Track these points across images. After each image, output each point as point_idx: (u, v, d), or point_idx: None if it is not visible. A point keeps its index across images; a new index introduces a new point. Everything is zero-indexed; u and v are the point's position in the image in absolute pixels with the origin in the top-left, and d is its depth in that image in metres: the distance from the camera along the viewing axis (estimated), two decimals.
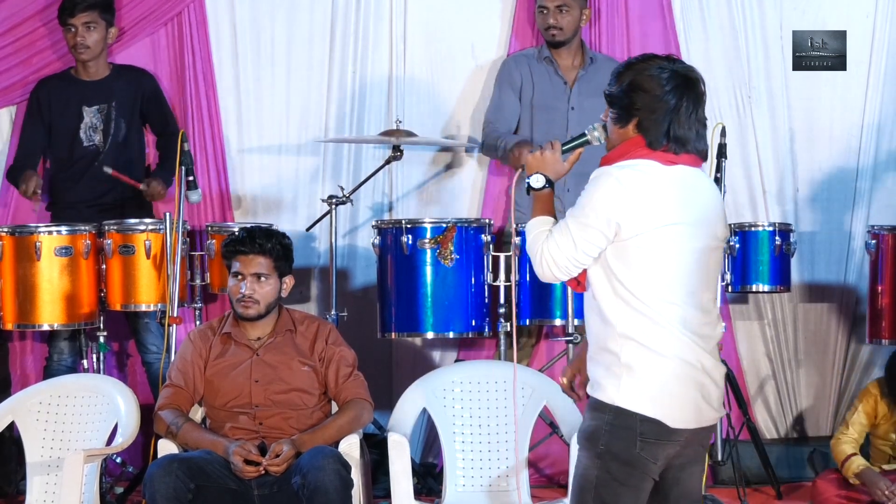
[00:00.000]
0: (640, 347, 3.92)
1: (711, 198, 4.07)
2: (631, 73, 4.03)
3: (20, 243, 6.20)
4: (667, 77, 4.00)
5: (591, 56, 6.91)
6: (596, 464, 3.97)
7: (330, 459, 5.13)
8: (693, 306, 3.96)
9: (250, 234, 5.56)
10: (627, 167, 3.97)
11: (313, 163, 7.14)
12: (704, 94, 4.05)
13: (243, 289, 5.47)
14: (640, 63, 4.06)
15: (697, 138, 4.02)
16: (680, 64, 4.06)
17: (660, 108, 3.99)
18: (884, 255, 6.55)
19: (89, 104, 6.70)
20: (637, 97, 4.00)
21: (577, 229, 3.96)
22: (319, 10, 7.12)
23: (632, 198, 3.92)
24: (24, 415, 5.72)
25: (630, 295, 3.93)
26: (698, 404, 3.97)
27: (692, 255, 3.97)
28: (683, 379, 3.94)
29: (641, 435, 3.92)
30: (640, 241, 3.92)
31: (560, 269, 4.00)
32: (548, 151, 4.16)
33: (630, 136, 4.02)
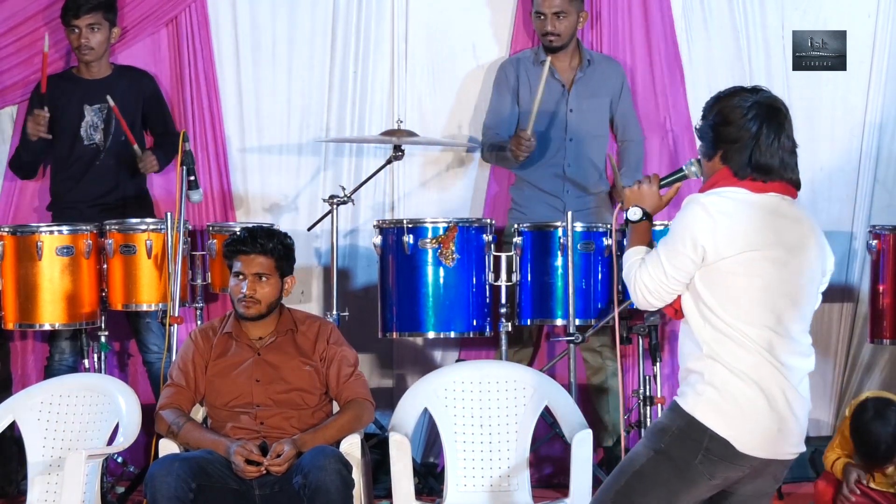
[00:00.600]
0: (725, 370, 3.99)
1: (806, 229, 4.10)
2: (716, 107, 4.12)
3: (21, 243, 6.21)
4: (748, 106, 4.07)
5: (589, 57, 6.90)
6: (648, 455, 4.03)
7: (331, 459, 5.13)
8: (780, 333, 4.01)
9: (252, 234, 5.55)
10: (715, 194, 4.04)
11: (314, 162, 7.14)
12: (788, 121, 4.11)
13: (244, 289, 5.47)
14: (726, 97, 4.13)
15: (783, 167, 4.07)
16: (764, 94, 4.13)
17: (741, 137, 4.05)
18: (885, 256, 6.55)
19: (90, 103, 6.70)
20: (720, 129, 4.08)
21: (667, 256, 4.04)
22: (321, 9, 7.12)
23: (717, 223, 3.99)
24: (26, 414, 5.72)
25: (716, 318, 4.00)
26: (773, 436, 4.01)
27: (780, 282, 4.01)
28: (762, 408, 3.99)
29: (706, 450, 3.98)
30: (726, 265, 3.99)
31: (653, 295, 4.09)
32: (645, 185, 4.26)
33: (718, 169, 4.08)
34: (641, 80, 7.12)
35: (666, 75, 7.14)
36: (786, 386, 4.00)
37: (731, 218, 3.99)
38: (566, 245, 6.28)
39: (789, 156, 4.07)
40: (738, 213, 3.99)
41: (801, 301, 4.06)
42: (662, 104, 7.14)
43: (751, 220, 4.00)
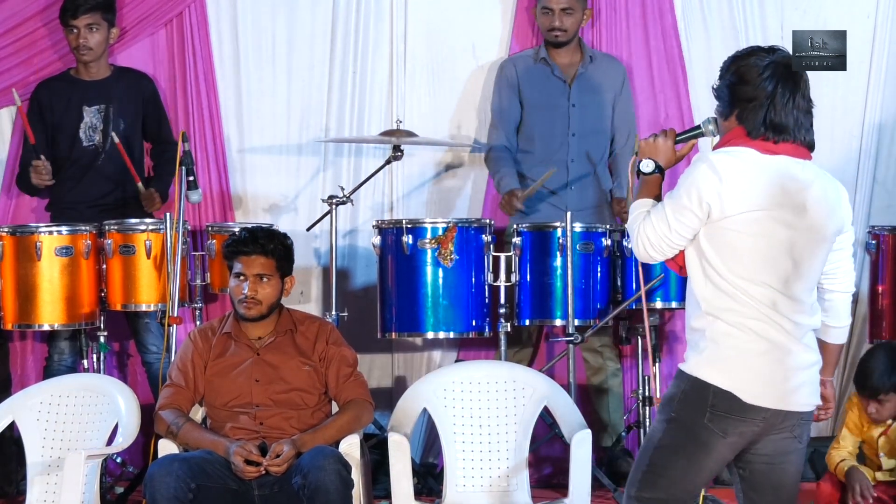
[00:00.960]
0: (725, 325, 4.01)
1: (818, 191, 4.08)
2: (733, 67, 4.12)
3: (20, 243, 6.21)
4: (764, 66, 4.08)
5: (591, 54, 6.91)
6: (663, 427, 4.07)
7: (330, 459, 5.13)
8: (783, 293, 4.01)
9: (252, 235, 5.55)
10: (723, 153, 4.06)
11: (314, 163, 7.14)
12: (805, 80, 4.14)
13: (245, 289, 5.47)
14: (742, 56, 4.13)
15: (797, 126, 4.08)
16: (781, 53, 4.14)
17: (757, 96, 4.07)
18: (884, 256, 6.55)
19: (89, 104, 6.70)
20: (737, 88, 4.09)
21: (672, 210, 4.04)
22: (320, 9, 7.12)
23: (723, 181, 3.99)
24: (25, 415, 5.72)
25: (718, 276, 4.02)
26: (779, 385, 4.02)
27: (785, 243, 4.02)
28: (765, 356, 4.01)
29: (712, 406, 4.00)
30: (730, 223, 4.00)
31: (654, 248, 4.09)
32: (661, 139, 4.26)
33: (732, 127, 4.10)
34: (640, 79, 7.12)
35: (666, 75, 7.14)
36: (789, 339, 4.02)
37: (739, 177, 4.00)
38: (565, 245, 6.29)
39: (805, 116, 4.09)
40: (745, 172, 4.01)
41: (806, 262, 4.05)
42: (662, 103, 7.14)
43: (758, 180, 4.00)
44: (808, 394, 4.08)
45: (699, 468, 4.05)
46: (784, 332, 4.01)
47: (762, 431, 4.04)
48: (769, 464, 4.10)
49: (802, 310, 4.05)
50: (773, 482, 4.12)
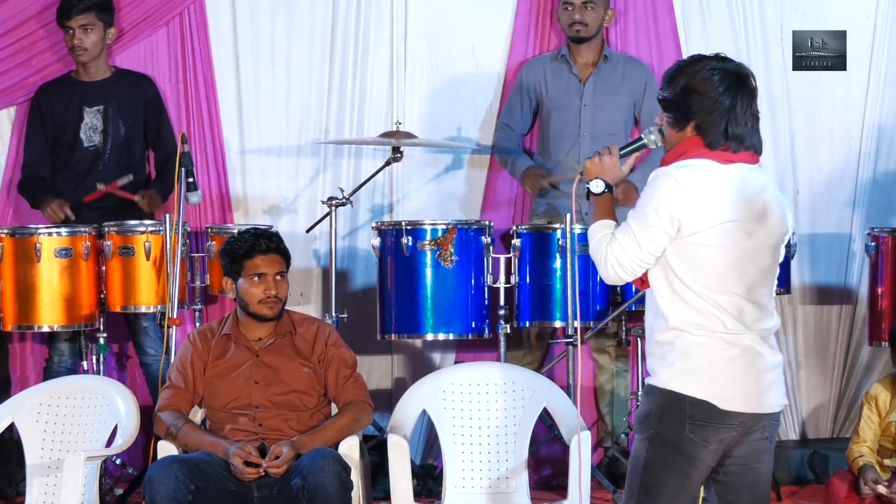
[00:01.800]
0: (694, 336, 4.01)
1: (770, 195, 4.11)
2: (683, 77, 4.08)
3: (20, 245, 6.20)
4: (719, 78, 4.05)
5: (607, 54, 6.90)
6: (647, 447, 4.05)
7: (330, 461, 5.13)
8: (750, 301, 4.04)
9: (264, 235, 5.56)
10: (685, 167, 4.03)
11: (313, 164, 7.14)
12: (756, 88, 4.12)
13: (273, 289, 5.46)
14: (691, 66, 4.10)
15: (752, 133, 4.08)
16: (730, 62, 4.12)
17: (716, 109, 4.04)
18: (884, 258, 6.54)
19: (89, 105, 6.70)
20: (693, 100, 4.06)
21: (640, 230, 4.02)
22: (320, 11, 7.12)
23: (691, 196, 3.99)
24: (24, 416, 5.72)
25: (687, 290, 4.02)
26: (752, 388, 4.04)
27: (749, 251, 4.04)
28: (736, 361, 4.02)
29: (691, 417, 4.00)
30: (700, 238, 4.00)
31: (625, 270, 4.07)
32: (606, 157, 4.23)
33: (688, 138, 4.08)
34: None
35: None
36: (757, 343, 4.04)
37: (704, 191, 3.99)
38: (565, 247, 6.28)
39: (755, 121, 4.10)
40: (709, 185, 4.00)
41: (767, 268, 4.10)
42: None
43: (722, 192, 4.00)
44: (778, 394, 4.12)
45: (691, 479, 4.05)
46: (752, 337, 4.03)
47: (739, 436, 4.06)
48: (744, 465, 4.11)
49: (766, 314, 4.09)
50: (750, 483, 4.13)
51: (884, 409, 5.96)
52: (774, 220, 4.09)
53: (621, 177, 4.24)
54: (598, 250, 4.12)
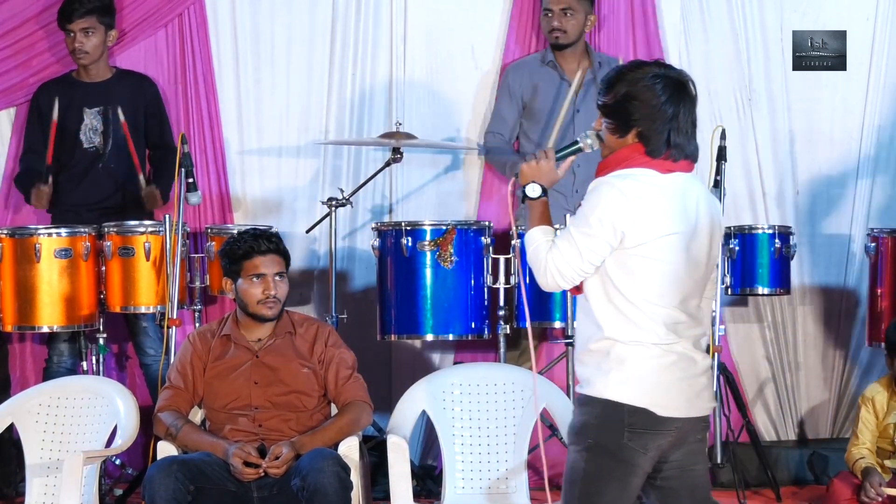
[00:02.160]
0: (626, 346, 4.00)
1: (706, 204, 4.10)
2: (625, 84, 4.05)
3: (20, 245, 6.21)
4: (662, 86, 4.02)
5: (599, 60, 6.90)
6: (584, 457, 4.03)
7: (329, 461, 5.13)
8: (684, 312, 4.04)
9: (264, 235, 5.56)
10: (629, 177, 4.01)
11: (313, 165, 7.14)
12: (696, 96, 4.09)
13: (273, 289, 5.46)
14: (632, 72, 4.07)
15: (691, 141, 4.07)
16: (671, 70, 4.09)
17: (660, 117, 4.02)
18: (883, 258, 6.55)
19: (90, 106, 6.70)
20: (635, 108, 4.03)
21: (582, 239, 4.00)
22: (320, 12, 7.12)
23: (635, 208, 3.97)
24: (24, 416, 5.72)
25: (625, 301, 4.00)
26: (687, 393, 4.04)
27: (687, 263, 4.03)
28: (671, 369, 4.01)
29: (630, 425, 3.99)
30: (642, 250, 3.98)
31: (565, 278, 4.05)
32: (542, 161, 4.20)
33: (629, 145, 4.06)
34: None
35: None
36: (688, 348, 4.04)
37: (648, 203, 3.98)
38: None
39: (694, 130, 4.09)
40: (653, 197, 3.98)
41: (701, 277, 4.10)
42: None
43: (665, 204, 3.99)
44: (709, 397, 4.13)
45: (629, 487, 4.04)
46: (685, 344, 4.03)
47: (676, 441, 4.06)
48: (681, 469, 4.12)
49: (699, 322, 4.09)
50: (689, 486, 4.13)
51: (881, 410, 5.95)
52: (710, 228, 4.09)
53: (557, 181, 4.23)
54: (537, 257, 4.10)
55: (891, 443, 5.88)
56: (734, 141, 6.88)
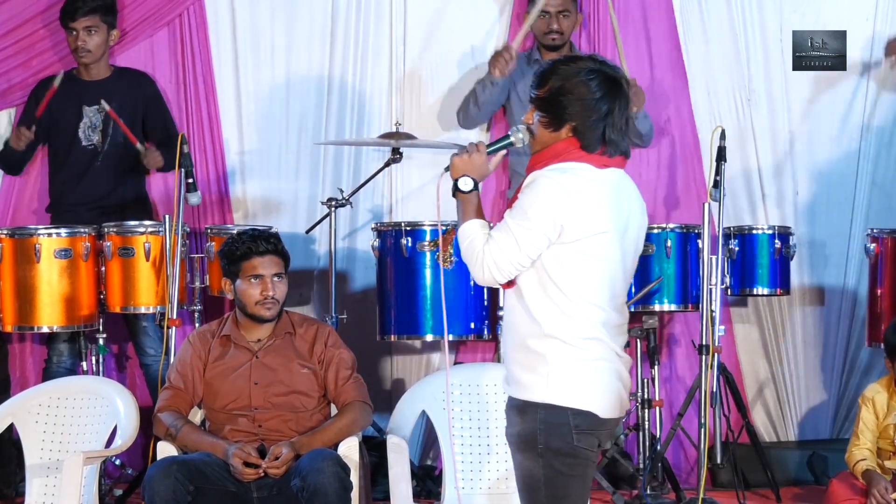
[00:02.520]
0: (565, 346, 3.96)
1: (636, 202, 4.10)
2: (559, 79, 4.01)
3: (20, 245, 6.21)
4: (597, 82, 3.99)
5: None
6: (540, 463, 3.99)
7: (329, 462, 5.13)
8: (614, 309, 4.03)
9: (262, 236, 5.56)
10: (568, 172, 3.97)
11: (313, 165, 7.14)
12: (629, 93, 4.07)
13: (270, 290, 5.46)
14: (566, 66, 4.03)
15: (624, 138, 4.06)
16: (606, 66, 4.05)
17: (594, 113, 3.99)
18: (883, 259, 6.55)
19: (89, 104, 6.70)
20: (569, 103, 3.99)
21: (521, 231, 3.95)
22: (319, 12, 7.12)
23: (575, 202, 3.94)
24: (24, 417, 5.72)
25: (561, 296, 3.96)
26: (620, 394, 4.05)
27: (619, 260, 4.02)
28: (607, 372, 4.01)
29: (576, 427, 3.97)
30: (580, 246, 3.95)
31: (502, 272, 3.98)
32: (474, 154, 4.13)
33: (563, 139, 4.02)
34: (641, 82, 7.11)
35: (668, 79, 7.14)
36: (617, 348, 4.04)
37: (587, 197, 3.95)
38: None
39: (628, 127, 4.07)
40: (591, 192, 3.95)
41: (629, 276, 4.11)
42: (664, 107, 7.13)
43: (601, 199, 3.97)
44: (627, 397, 4.14)
45: (588, 479, 4.06)
46: (614, 343, 4.02)
47: (606, 439, 4.09)
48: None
49: (624, 321, 4.10)
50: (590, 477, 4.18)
51: (882, 410, 5.95)
52: (639, 226, 4.09)
53: (487, 174, 4.16)
54: (472, 251, 4.01)
55: (891, 443, 5.88)
56: (734, 141, 6.88)
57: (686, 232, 6.51)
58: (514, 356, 4.04)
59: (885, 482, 5.75)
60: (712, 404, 6.17)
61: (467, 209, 4.09)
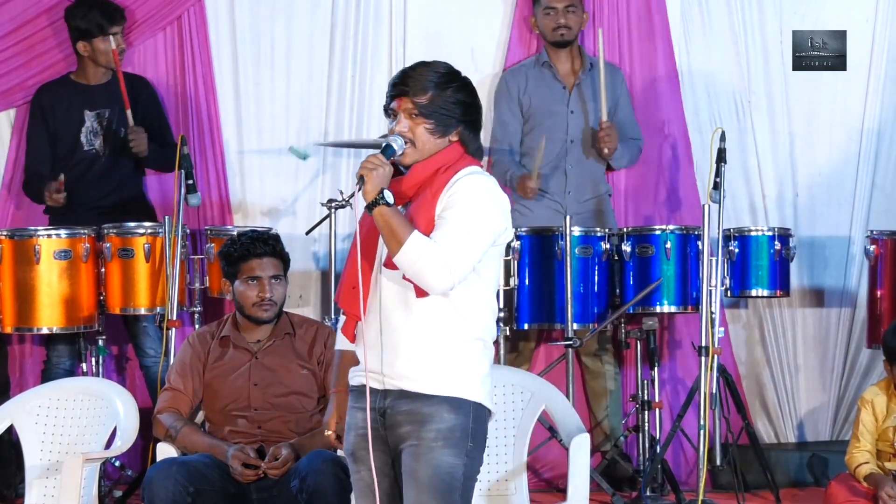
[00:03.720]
0: (485, 347, 4.03)
1: None
2: (458, 82, 4.01)
3: (19, 246, 6.21)
4: (472, 88, 4.05)
5: (591, 61, 6.91)
6: (464, 462, 4.01)
7: (329, 463, 5.13)
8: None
9: (261, 237, 5.56)
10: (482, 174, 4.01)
11: (313, 166, 7.14)
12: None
13: (267, 292, 5.46)
14: (449, 74, 4.04)
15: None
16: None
17: (478, 118, 4.04)
18: (883, 260, 6.54)
19: (91, 108, 6.70)
20: (469, 108, 4.01)
21: (477, 234, 3.91)
22: (319, 13, 7.12)
23: (504, 203, 4.01)
24: (23, 418, 5.71)
25: (487, 298, 4.01)
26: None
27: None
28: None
29: (486, 426, 4.07)
30: (499, 248, 4.02)
31: (458, 278, 3.91)
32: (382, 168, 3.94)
33: (447, 145, 4.01)
34: (641, 85, 7.12)
35: (664, 80, 7.14)
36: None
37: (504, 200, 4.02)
38: (564, 249, 6.28)
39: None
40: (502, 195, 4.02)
41: None
42: (664, 108, 7.13)
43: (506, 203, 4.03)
44: None
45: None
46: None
47: None
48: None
49: None
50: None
51: (881, 412, 5.94)
52: None
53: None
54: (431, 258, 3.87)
55: (891, 445, 5.88)
56: (734, 143, 6.87)
57: (686, 234, 6.51)
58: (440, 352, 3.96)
59: (892, 482, 5.75)
60: (712, 406, 6.16)
61: (402, 220, 3.90)
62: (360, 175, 3.90)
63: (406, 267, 3.89)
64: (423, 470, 3.97)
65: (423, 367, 3.98)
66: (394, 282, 3.97)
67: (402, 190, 4.00)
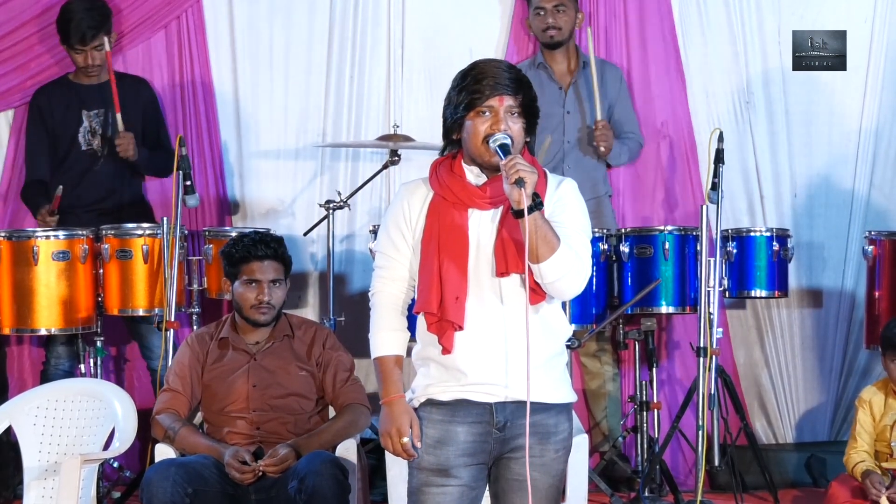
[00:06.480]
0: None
1: None
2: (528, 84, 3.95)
3: (17, 248, 6.20)
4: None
5: (585, 60, 6.91)
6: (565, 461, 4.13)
7: (327, 464, 5.13)
8: None
9: (261, 240, 5.55)
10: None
11: (311, 167, 7.14)
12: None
13: (266, 295, 5.46)
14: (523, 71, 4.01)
15: None
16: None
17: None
18: (881, 261, 6.54)
19: (89, 108, 6.70)
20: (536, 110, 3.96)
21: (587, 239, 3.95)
22: (318, 14, 7.12)
23: None
24: (22, 419, 5.71)
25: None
26: None
27: None
28: None
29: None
30: None
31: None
32: (534, 172, 3.86)
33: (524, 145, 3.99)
34: (639, 83, 7.12)
35: (664, 79, 7.14)
36: None
37: None
38: None
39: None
40: None
41: None
42: (661, 108, 7.14)
43: None
44: None
45: None
46: None
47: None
48: None
49: None
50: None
51: (878, 412, 5.95)
52: None
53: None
54: (577, 268, 3.83)
55: (888, 445, 5.88)
56: (732, 143, 6.88)
57: (684, 234, 6.51)
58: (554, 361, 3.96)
59: (879, 477, 5.76)
60: (710, 406, 6.16)
61: (550, 226, 3.80)
62: (519, 178, 3.72)
63: (551, 273, 3.79)
64: (544, 479, 4.00)
65: (548, 376, 3.94)
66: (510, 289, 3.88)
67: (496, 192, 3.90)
